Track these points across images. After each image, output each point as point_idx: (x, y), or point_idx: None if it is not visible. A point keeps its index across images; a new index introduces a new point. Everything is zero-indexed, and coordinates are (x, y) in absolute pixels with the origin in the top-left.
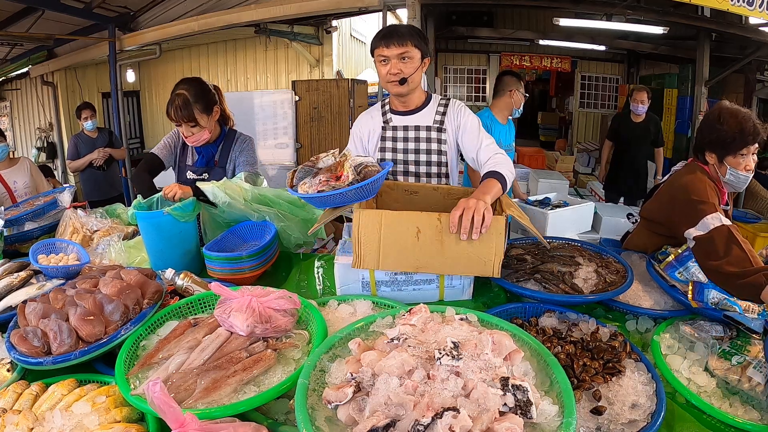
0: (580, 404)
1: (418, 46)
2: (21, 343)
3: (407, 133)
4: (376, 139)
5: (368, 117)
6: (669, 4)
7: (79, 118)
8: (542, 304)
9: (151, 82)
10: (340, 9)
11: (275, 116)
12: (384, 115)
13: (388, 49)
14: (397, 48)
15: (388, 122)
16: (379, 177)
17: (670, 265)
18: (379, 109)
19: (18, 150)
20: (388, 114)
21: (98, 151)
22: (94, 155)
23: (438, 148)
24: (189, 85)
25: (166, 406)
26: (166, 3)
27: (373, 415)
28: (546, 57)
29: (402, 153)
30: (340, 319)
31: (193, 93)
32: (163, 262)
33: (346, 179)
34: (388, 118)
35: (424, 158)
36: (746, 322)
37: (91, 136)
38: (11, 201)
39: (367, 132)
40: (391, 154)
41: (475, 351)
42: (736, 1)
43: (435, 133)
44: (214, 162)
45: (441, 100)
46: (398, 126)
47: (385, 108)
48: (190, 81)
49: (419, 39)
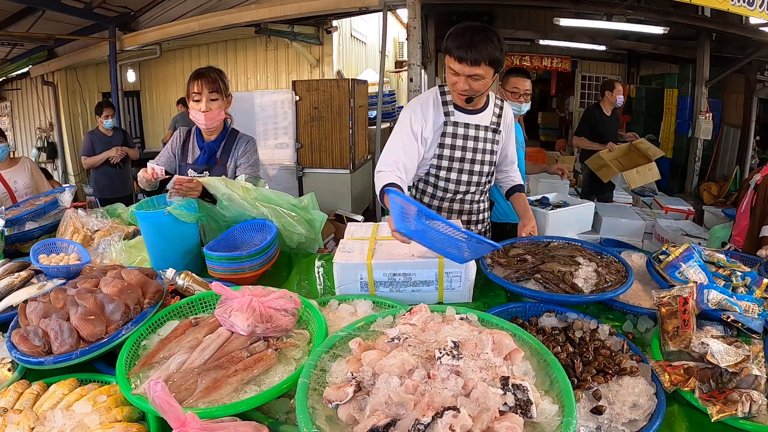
0: (580, 404)
1: (492, 64)
2: (22, 343)
3: (468, 131)
4: (436, 131)
5: (428, 108)
6: (669, 4)
7: (99, 115)
8: (542, 303)
9: (151, 82)
10: (340, 9)
11: (275, 116)
12: (445, 106)
13: (459, 65)
14: (469, 68)
15: (449, 116)
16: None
17: (670, 265)
18: (438, 99)
19: (18, 150)
20: (450, 107)
21: (116, 149)
22: (112, 153)
23: (491, 148)
24: (213, 68)
25: (167, 405)
26: (166, 3)
27: (373, 415)
28: (546, 57)
29: (460, 150)
30: (340, 319)
31: (217, 72)
32: (163, 261)
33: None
34: (449, 110)
35: (479, 158)
36: (746, 322)
37: (107, 134)
38: (12, 201)
39: (430, 125)
40: (449, 151)
41: (475, 350)
42: (736, 1)
43: (491, 134)
44: (216, 159)
45: (497, 101)
46: (459, 122)
47: (446, 98)
48: (211, 66)
49: (496, 52)
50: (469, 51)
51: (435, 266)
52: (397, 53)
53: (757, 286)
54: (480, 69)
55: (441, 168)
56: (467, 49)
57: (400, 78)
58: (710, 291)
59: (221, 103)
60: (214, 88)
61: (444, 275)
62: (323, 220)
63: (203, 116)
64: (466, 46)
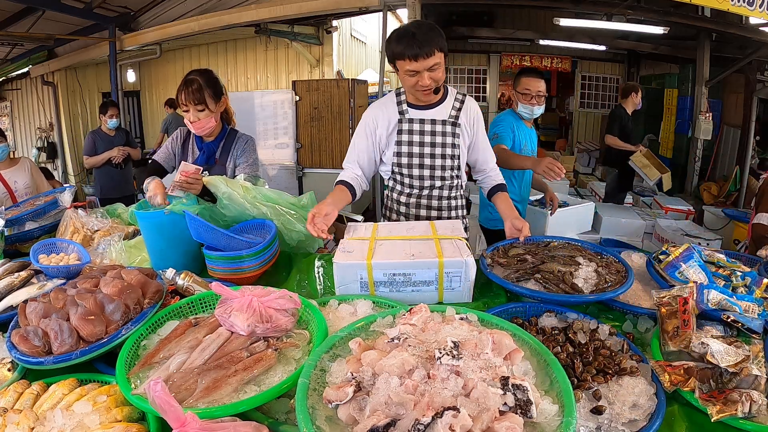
0: (580, 404)
1: (442, 48)
2: (22, 343)
3: (423, 126)
4: (392, 131)
5: (381, 109)
6: (669, 4)
7: (104, 114)
8: (542, 303)
9: (151, 82)
10: (340, 9)
11: (275, 116)
12: (399, 105)
13: (416, 63)
14: (425, 60)
15: (404, 114)
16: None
17: (670, 265)
18: (393, 100)
19: (18, 150)
20: (404, 105)
21: (118, 149)
22: (114, 153)
23: (452, 141)
24: (201, 73)
25: (167, 405)
26: (166, 3)
27: (373, 415)
28: (546, 57)
29: (418, 146)
30: (340, 319)
31: (204, 78)
32: (163, 261)
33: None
34: (403, 109)
35: (438, 152)
36: (746, 322)
37: (110, 134)
38: (12, 201)
39: (384, 124)
40: (407, 147)
41: (475, 350)
42: (736, 1)
43: (450, 128)
44: (215, 160)
45: (458, 95)
46: (414, 119)
47: (400, 98)
48: (201, 70)
49: (441, 39)
50: (421, 46)
51: (435, 266)
52: None
53: (757, 286)
54: (436, 57)
55: (402, 165)
56: (418, 45)
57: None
58: (710, 291)
59: (209, 112)
60: (199, 100)
61: (444, 275)
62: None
63: (193, 126)
64: (416, 44)
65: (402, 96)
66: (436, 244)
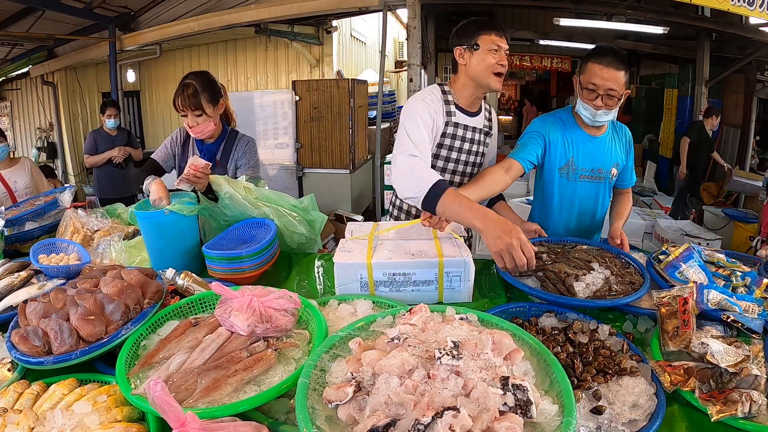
0: (580, 404)
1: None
2: (22, 343)
3: (466, 132)
4: (438, 131)
5: (432, 107)
6: (669, 4)
7: (103, 114)
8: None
9: (151, 82)
10: (340, 9)
11: (275, 116)
12: (447, 105)
13: (501, 39)
14: (503, 40)
15: (451, 116)
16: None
17: (670, 265)
18: (440, 100)
19: (18, 150)
20: (452, 106)
21: (119, 149)
22: (115, 152)
23: (482, 151)
24: (197, 76)
25: (167, 405)
26: (166, 3)
27: (373, 415)
28: (546, 57)
29: (456, 152)
30: (340, 319)
31: (201, 82)
32: (163, 261)
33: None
34: (451, 110)
35: (471, 159)
36: (746, 322)
37: (111, 133)
38: (12, 201)
39: (434, 121)
40: (446, 151)
41: (475, 350)
42: (736, 1)
43: (483, 137)
44: (216, 161)
45: (485, 104)
46: (460, 123)
47: (448, 98)
48: (197, 73)
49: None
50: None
51: (435, 266)
52: (397, 53)
53: (757, 286)
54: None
55: (435, 167)
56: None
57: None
58: (710, 291)
59: (207, 116)
60: (195, 105)
61: (444, 275)
62: (323, 221)
63: (191, 131)
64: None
65: (449, 95)
66: (435, 243)
